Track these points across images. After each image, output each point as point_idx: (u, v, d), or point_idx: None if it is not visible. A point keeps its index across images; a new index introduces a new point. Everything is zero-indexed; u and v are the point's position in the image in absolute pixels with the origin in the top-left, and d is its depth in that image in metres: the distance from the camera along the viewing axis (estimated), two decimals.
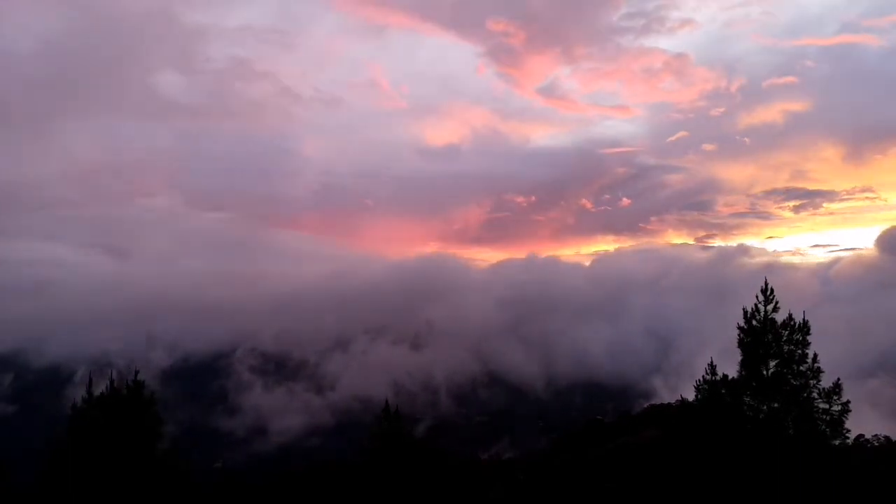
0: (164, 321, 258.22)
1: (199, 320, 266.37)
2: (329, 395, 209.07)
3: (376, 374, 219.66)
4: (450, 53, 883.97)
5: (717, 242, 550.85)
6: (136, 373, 18.69)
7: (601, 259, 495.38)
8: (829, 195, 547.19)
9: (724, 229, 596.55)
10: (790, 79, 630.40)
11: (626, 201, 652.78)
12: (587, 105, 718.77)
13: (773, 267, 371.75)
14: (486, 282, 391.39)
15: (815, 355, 19.37)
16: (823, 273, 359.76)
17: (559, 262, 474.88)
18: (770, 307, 19.81)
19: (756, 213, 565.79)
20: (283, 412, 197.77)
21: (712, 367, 20.75)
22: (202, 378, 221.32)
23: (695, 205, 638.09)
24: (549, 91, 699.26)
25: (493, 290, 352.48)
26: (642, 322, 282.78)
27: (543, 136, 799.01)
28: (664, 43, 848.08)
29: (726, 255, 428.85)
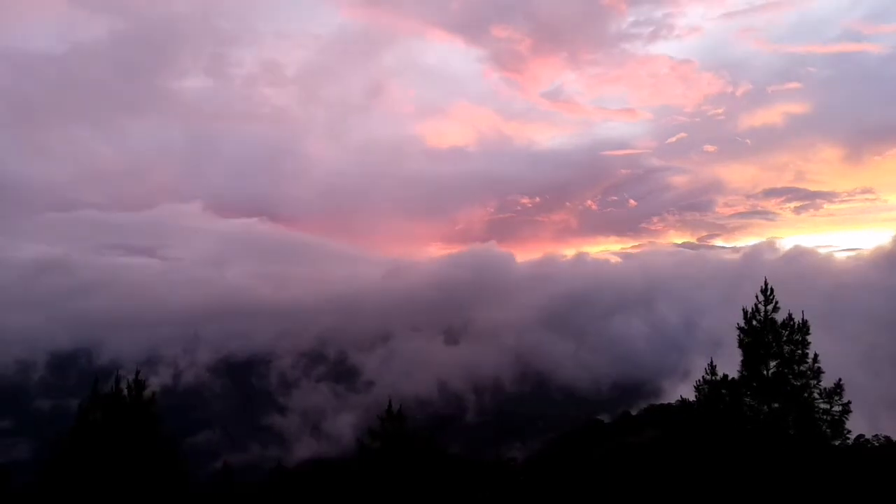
0: (209, 322, 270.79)
1: (242, 321, 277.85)
2: (372, 393, 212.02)
3: (419, 372, 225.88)
4: (456, 58, 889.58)
5: (719, 243, 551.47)
6: (137, 373, 18.66)
7: (629, 257, 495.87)
8: (830, 196, 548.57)
9: (727, 230, 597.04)
10: (793, 84, 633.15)
11: (630, 202, 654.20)
12: (593, 108, 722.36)
13: (804, 260, 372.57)
14: (521, 279, 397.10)
15: (816, 355, 19.31)
16: (848, 268, 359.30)
17: (603, 262, 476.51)
18: (770, 307, 19.78)
19: (758, 214, 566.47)
20: (328, 410, 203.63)
21: (712, 368, 20.71)
22: (248, 377, 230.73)
23: (696, 205, 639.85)
24: (554, 95, 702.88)
25: (530, 288, 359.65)
26: (681, 319, 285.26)
27: (549, 138, 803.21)
28: (671, 49, 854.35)
29: (758, 251, 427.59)
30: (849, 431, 18.85)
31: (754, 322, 19.83)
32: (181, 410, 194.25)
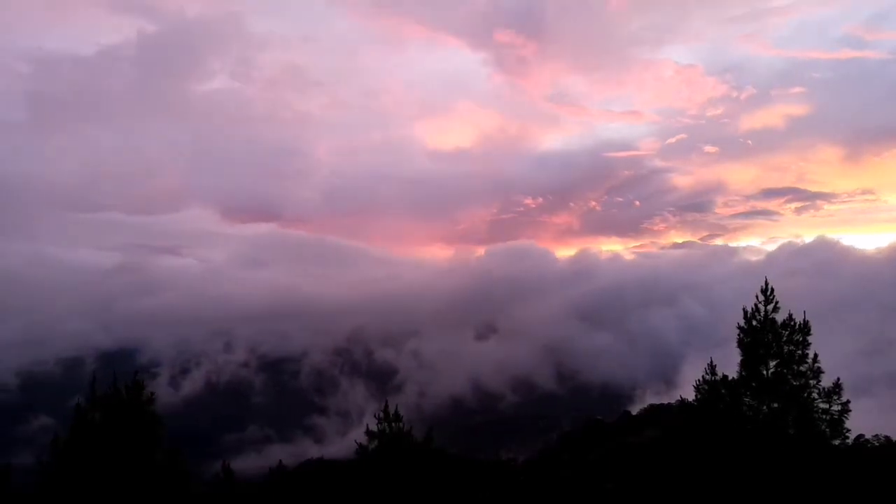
0: (242, 322, 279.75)
1: (275, 321, 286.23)
2: (406, 391, 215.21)
3: (452, 369, 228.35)
4: (463, 62, 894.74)
5: (720, 242, 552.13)
6: (136, 373, 18.60)
7: (650, 256, 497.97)
8: (830, 197, 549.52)
9: (728, 230, 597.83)
10: (796, 88, 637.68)
11: (635, 203, 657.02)
12: (597, 111, 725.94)
13: (835, 254, 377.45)
14: (555, 276, 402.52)
15: (816, 355, 19.31)
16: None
17: (631, 262, 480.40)
18: (770, 307, 19.75)
19: (759, 214, 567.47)
20: (367, 408, 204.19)
21: (712, 367, 20.68)
22: (284, 374, 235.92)
23: (698, 206, 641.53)
24: (559, 98, 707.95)
25: (565, 287, 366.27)
26: (709, 314, 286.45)
27: (552, 140, 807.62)
28: (676, 53, 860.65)
29: (783, 249, 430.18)
30: (848, 431, 18.86)
31: (754, 322, 19.83)
32: (224, 406, 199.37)
